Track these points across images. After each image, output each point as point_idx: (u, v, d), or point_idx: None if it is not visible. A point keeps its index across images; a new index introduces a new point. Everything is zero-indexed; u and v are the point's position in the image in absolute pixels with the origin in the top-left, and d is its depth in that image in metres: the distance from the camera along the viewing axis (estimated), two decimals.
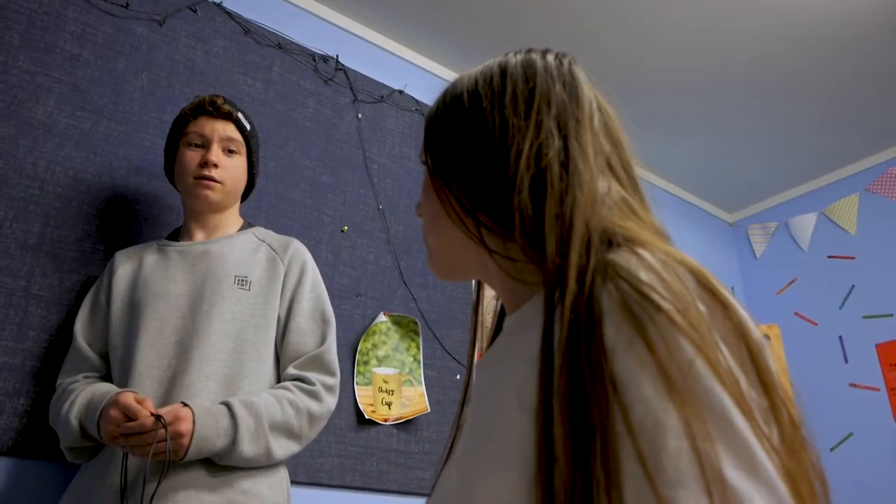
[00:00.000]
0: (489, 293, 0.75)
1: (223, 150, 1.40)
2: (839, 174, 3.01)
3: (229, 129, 1.41)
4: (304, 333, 1.35)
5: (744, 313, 0.48)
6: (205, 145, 1.39)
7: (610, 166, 0.62)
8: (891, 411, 2.60)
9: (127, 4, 1.74)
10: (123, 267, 1.37)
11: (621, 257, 0.50)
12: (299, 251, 1.44)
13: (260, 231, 1.46)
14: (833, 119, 2.68)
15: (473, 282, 0.78)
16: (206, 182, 1.36)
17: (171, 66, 1.77)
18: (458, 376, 2.05)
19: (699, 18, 2.21)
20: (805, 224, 3.07)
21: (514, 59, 0.66)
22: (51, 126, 1.53)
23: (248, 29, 1.96)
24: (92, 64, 1.64)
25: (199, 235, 1.40)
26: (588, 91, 0.64)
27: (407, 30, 2.31)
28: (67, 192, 1.51)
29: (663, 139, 2.85)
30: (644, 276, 0.47)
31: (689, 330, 0.44)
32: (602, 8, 2.18)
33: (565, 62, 0.66)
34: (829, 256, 2.96)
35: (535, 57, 0.65)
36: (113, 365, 1.28)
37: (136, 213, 1.60)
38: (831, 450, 2.68)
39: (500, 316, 0.73)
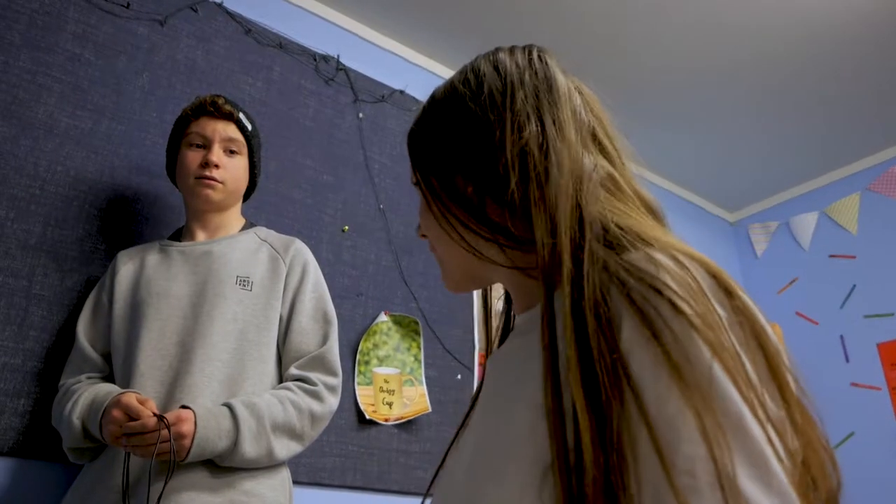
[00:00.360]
0: (495, 291, 0.75)
1: (224, 151, 1.40)
2: (840, 173, 3.00)
3: (230, 130, 1.41)
4: (305, 333, 1.34)
5: (760, 316, 0.48)
6: (206, 145, 1.39)
7: (596, 140, 0.62)
8: (892, 410, 2.60)
9: (128, 4, 1.74)
10: (125, 267, 1.37)
11: (638, 258, 0.49)
12: (301, 251, 1.43)
13: (262, 231, 1.46)
14: (834, 118, 2.68)
15: None
16: (207, 181, 1.36)
17: (172, 66, 1.77)
18: (459, 376, 2.04)
19: (699, 18, 2.21)
20: (806, 223, 3.06)
21: (485, 60, 0.66)
22: (52, 126, 1.53)
23: (249, 29, 1.96)
24: (93, 64, 1.64)
25: (200, 235, 1.40)
26: (562, 76, 0.64)
27: (408, 30, 2.31)
28: (68, 192, 1.51)
29: (664, 138, 2.84)
30: (662, 277, 0.46)
31: (708, 334, 0.43)
32: (602, 8, 2.18)
33: (534, 52, 0.66)
34: (831, 256, 2.96)
35: (504, 54, 0.66)
36: (115, 365, 1.28)
37: (138, 213, 1.60)
38: (832, 449, 2.68)
39: (507, 314, 0.72)
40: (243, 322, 1.29)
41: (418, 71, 2.39)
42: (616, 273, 0.49)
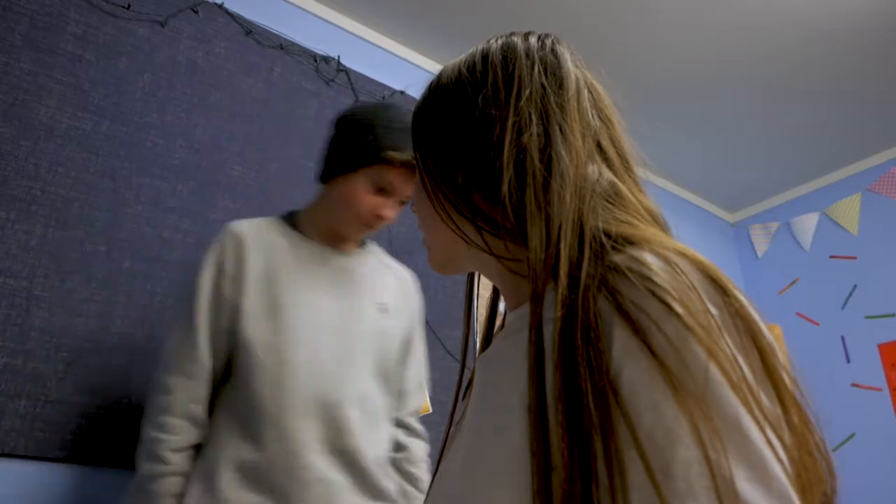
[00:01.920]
0: (483, 284, 0.73)
1: (399, 205, 1.29)
2: (841, 174, 3.00)
3: (411, 188, 1.25)
4: (420, 388, 1.37)
5: (755, 314, 0.46)
6: (389, 194, 1.24)
7: (600, 148, 0.59)
8: (893, 411, 2.59)
9: (129, 5, 1.74)
10: (255, 254, 1.21)
11: (624, 260, 0.48)
12: (416, 288, 1.42)
13: (377, 250, 1.40)
14: (835, 118, 2.68)
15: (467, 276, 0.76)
16: (372, 228, 1.27)
17: (172, 67, 1.77)
18: (459, 377, 2.04)
19: (700, 18, 2.21)
20: (807, 224, 3.06)
21: (496, 44, 0.63)
22: (52, 127, 1.53)
23: (249, 30, 1.96)
24: (94, 65, 1.64)
25: (317, 238, 1.30)
26: (573, 69, 0.61)
27: (409, 30, 2.31)
28: (69, 193, 1.51)
29: (664, 139, 2.84)
30: (654, 278, 0.45)
31: (702, 335, 0.42)
32: (603, 8, 2.18)
33: (548, 42, 0.63)
34: (831, 256, 2.96)
35: (517, 40, 0.63)
36: (249, 371, 1.14)
37: (138, 215, 1.60)
38: (833, 450, 2.68)
39: (493, 306, 0.71)
40: (385, 352, 1.25)
41: (419, 72, 2.39)
42: (605, 281, 0.47)
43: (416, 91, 2.30)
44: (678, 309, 0.43)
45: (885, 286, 2.76)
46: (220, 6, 1.91)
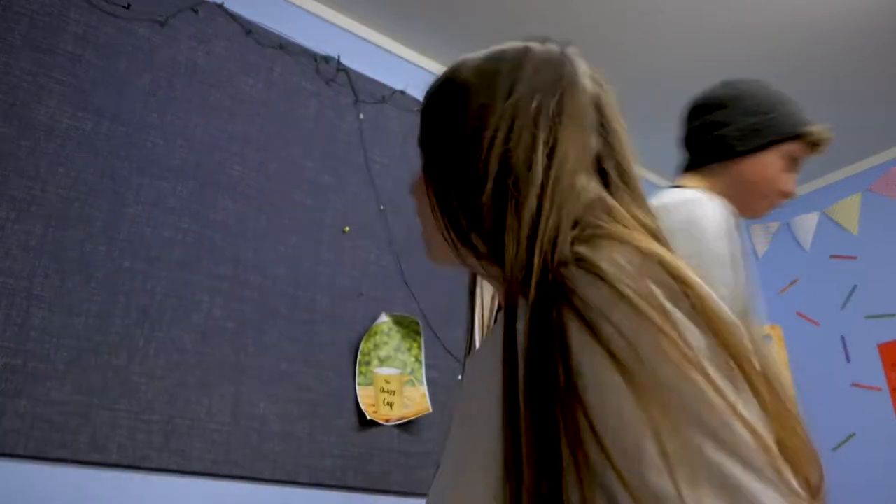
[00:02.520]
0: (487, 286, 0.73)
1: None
2: (841, 174, 3.00)
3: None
4: None
5: (716, 303, 0.47)
6: (793, 169, 1.26)
7: (598, 161, 0.59)
8: (893, 411, 2.59)
9: (128, 5, 1.74)
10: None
11: (582, 251, 0.49)
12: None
13: None
14: (835, 118, 2.67)
15: (468, 274, 0.76)
16: (775, 206, 1.24)
17: (172, 67, 1.77)
18: (460, 377, 2.04)
19: (700, 18, 2.21)
20: (807, 224, 3.06)
21: (511, 52, 0.63)
22: (52, 127, 1.53)
23: (249, 30, 1.96)
24: (94, 65, 1.64)
25: None
26: (584, 84, 0.61)
27: (408, 30, 2.31)
28: (69, 194, 1.51)
29: (664, 138, 2.84)
30: (602, 265, 0.46)
31: (654, 316, 0.43)
32: (604, 8, 2.18)
33: (555, 53, 0.63)
34: (832, 256, 2.96)
35: (533, 48, 0.63)
36: None
37: (138, 215, 1.60)
38: (833, 450, 2.68)
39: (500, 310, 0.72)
40: None
41: (419, 72, 2.39)
42: (565, 280, 0.48)
43: (416, 91, 2.30)
44: (627, 293, 0.44)
45: (885, 286, 2.76)
46: (220, 6, 1.91)
